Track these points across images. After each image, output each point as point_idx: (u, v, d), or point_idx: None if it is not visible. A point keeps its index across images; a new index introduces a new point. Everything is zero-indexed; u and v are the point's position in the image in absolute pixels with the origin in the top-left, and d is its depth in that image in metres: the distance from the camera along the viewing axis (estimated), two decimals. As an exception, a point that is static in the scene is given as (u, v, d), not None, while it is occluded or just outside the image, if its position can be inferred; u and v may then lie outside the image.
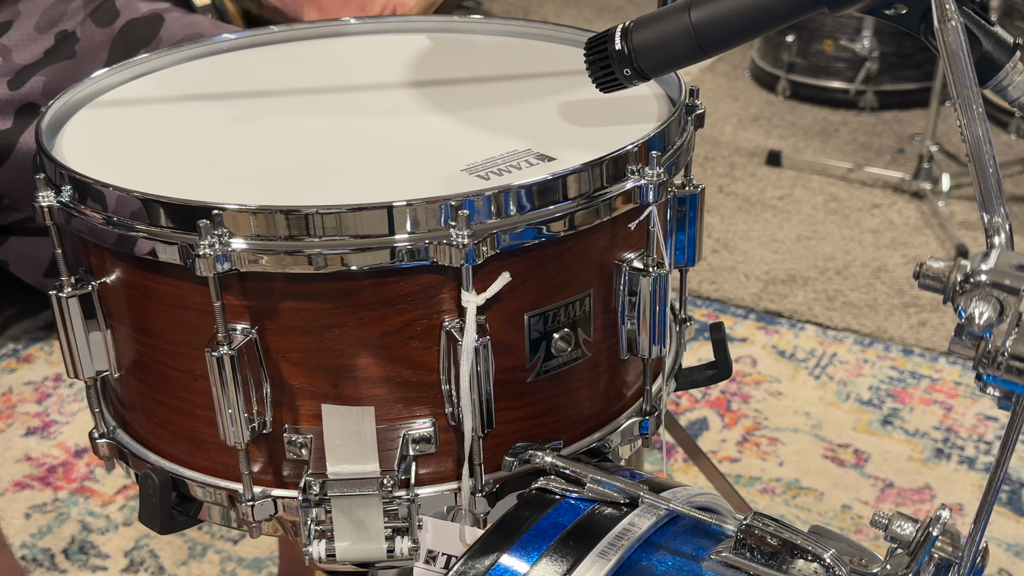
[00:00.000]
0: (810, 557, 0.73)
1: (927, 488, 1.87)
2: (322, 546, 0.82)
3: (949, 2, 0.68)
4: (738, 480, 1.89)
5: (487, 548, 0.76)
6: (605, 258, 0.84)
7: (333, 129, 0.95)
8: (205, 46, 1.11)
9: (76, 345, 0.86)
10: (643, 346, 0.88)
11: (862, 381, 2.15)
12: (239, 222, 0.75)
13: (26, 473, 1.96)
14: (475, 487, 0.84)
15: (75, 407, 2.12)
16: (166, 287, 0.80)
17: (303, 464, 0.83)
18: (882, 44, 3.26)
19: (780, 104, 3.44)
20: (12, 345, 2.30)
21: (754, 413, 2.06)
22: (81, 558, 1.76)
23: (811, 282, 2.47)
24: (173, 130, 0.96)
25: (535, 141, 0.88)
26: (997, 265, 0.60)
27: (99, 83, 1.02)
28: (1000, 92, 0.77)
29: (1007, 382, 0.61)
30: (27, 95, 1.14)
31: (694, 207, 0.92)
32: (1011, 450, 0.65)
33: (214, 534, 1.80)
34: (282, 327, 0.79)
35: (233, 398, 0.79)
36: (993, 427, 2.01)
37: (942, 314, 2.32)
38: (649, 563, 0.76)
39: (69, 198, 0.82)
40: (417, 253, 0.75)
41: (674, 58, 0.84)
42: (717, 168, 3.03)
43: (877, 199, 2.84)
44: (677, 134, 0.88)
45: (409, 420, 0.82)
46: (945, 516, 0.71)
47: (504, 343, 0.81)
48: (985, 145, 0.63)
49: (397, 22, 1.19)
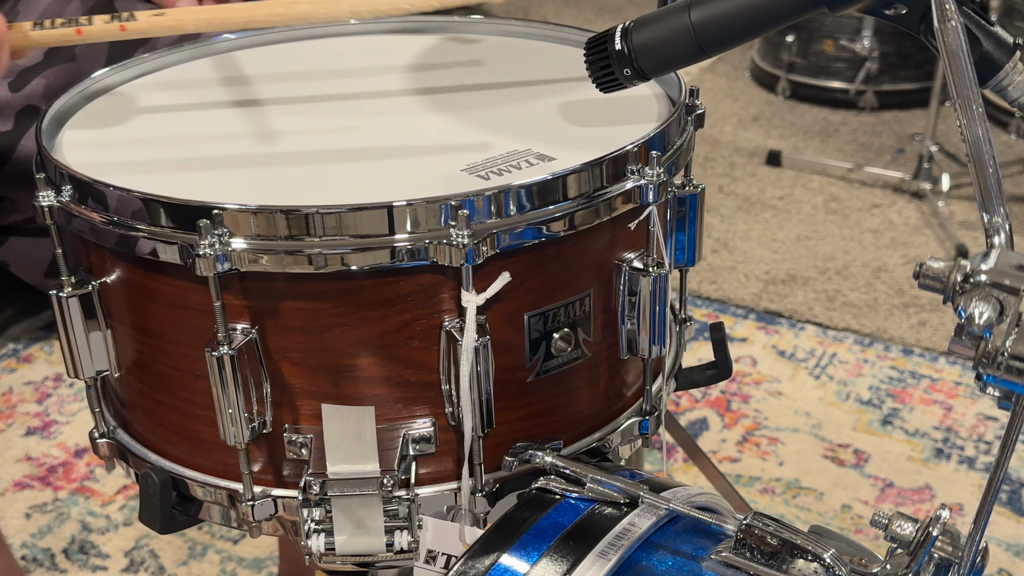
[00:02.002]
0: (810, 557, 0.73)
1: (927, 488, 1.87)
2: (321, 540, 0.82)
3: (949, 2, 0.68)
4: (738, 480, 1.88)
5: (487, 548, 0.76)
6: (605, 258, 0.84)
7: (333, 129, 0.95)
8: (205, 46, 1.11)
9: (76, 345, 0.87)
10: (643, 346, 0.88)
11: (862, 381, 2.14)
12: (239, 222, 0.75)
13: (26, 473, 1.96)
14: (475, 487, 0.84)
15: (75, 407, 2.12)
16: (166, 287, 0.80)
17: (303, 464, 0.83)
18: (882, 44, 3.26)
19: (780, 104, 3.44)
20: (12, 345, 2.30)
21: (754, 413, 2.06)
22: (81, 558, 1.76)
23: (811, 282, 2.47)
24: (173, 130, 0.96)
25: (535, 141, 0.88)
26: (997, 265, 0.60)
27: (99, 83, 1.03)
28: (1000, 92, 0.77)
29: (1007, 382, 0.61)
30: (28, 97, 1.14)
31: (694, 207, 0.92)
32: (1011, 450, 0.65)
33: (214, 534, 1.79)
34: (282, 327, 0.79)
35: (233, 398, 0.79)
36: (993, 427, 2.01)
37: (942, 314, 2.32)
38: (649, 563, 0.76)
39: (69, 198, 0.82)
40: (417, 253, 0.75)
41: (674, 58, 0.84)
42: (717, 168, 3.03)
43: (877, 199, 2.84)
44: (677, 134, 0.88)
45: (409, 420, 0.82)
46: (945, 516, 0.71)
47: (504, 343, 0.81)
48: (985, 145, 0.63)
49: (397, 22, 1.19)
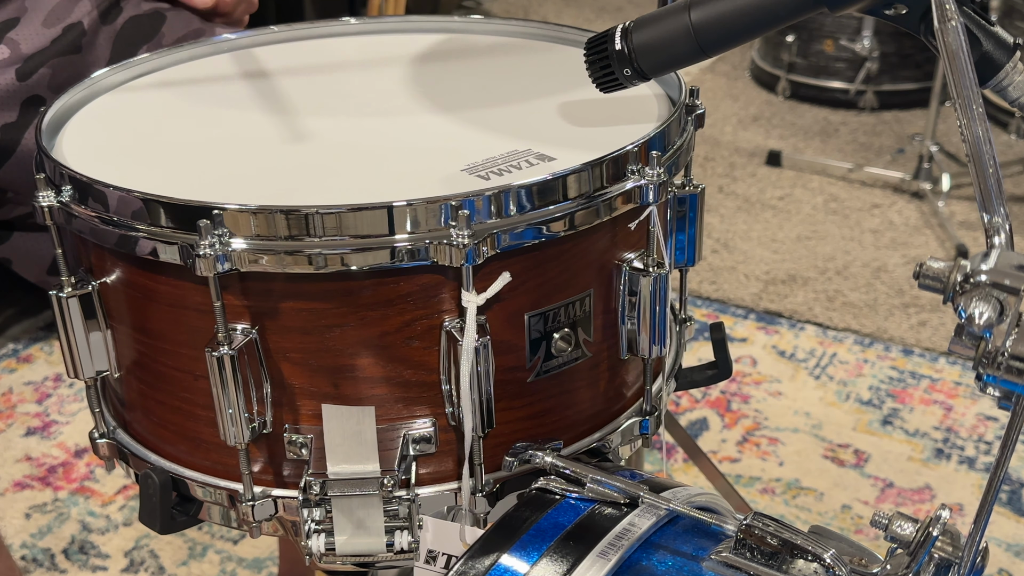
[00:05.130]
0: (810, 557, 0.73)
1: (927, 488, 1.87)
2: (321, 540, 0.82)
3: (949, 2, 0.68)
4: (738, 480, 1.88)
5: (487, 548, 0.76)
6: (605, 258, 0.84)
7: (333, 129, 0.95)
8: (205, 46, 1.11)
9: (76, 345, 0.86)
10: (643, 346, 0.88)
11: (862, 381, 2.14)
12: (239, 222, 0.75)
13: (26, 473, 1.96)
14: (475, 487, 0.84)
15: (75, 407, 2.12)
16: (166, 287, 0.80)
17: (303, 464, 0.83)
18: (882, 44, 3.26)
19: (780, 104, 3.43)
20: (12, 345, 2.30)
21: (754, 413, 2.06)
22: (81, 558, 1.76)
23: (811, 282, 2.47)
24: (173, 130, 0.96)
25: (535, 141, 0.88)
26: (997, 265, 0.60)
27: (100, 83, 1.03)
28: (1000, 92, 0.77)
29: (1007, 382, 0.61)
30: (33, 87, 1.14)
31: (694, 207, 0.92)
32: (1011, 450, 0.65)
33: (214, 534, 1.79)
34: (282, 327, 0.79)
35: (233, 398, 0.79)
36: (993, 427, 2.01)
37: (942, 314, 2.32)
38: (649, 563, 0.76)
39: (69, 198, 0.82)
40: (417, 253, 0.75)
41: (674, 58, 0.84)
42: (717, 168, 3.03)
43: (877, 199, 2.84)
44: (677, 134, 0.88)
45: (409, 420, 0.82)
46: (945, 516, 0.71)
47: (504, 343, 0.81)
48: (985, 145, 0.63)
49: (397, 22, 1.19)
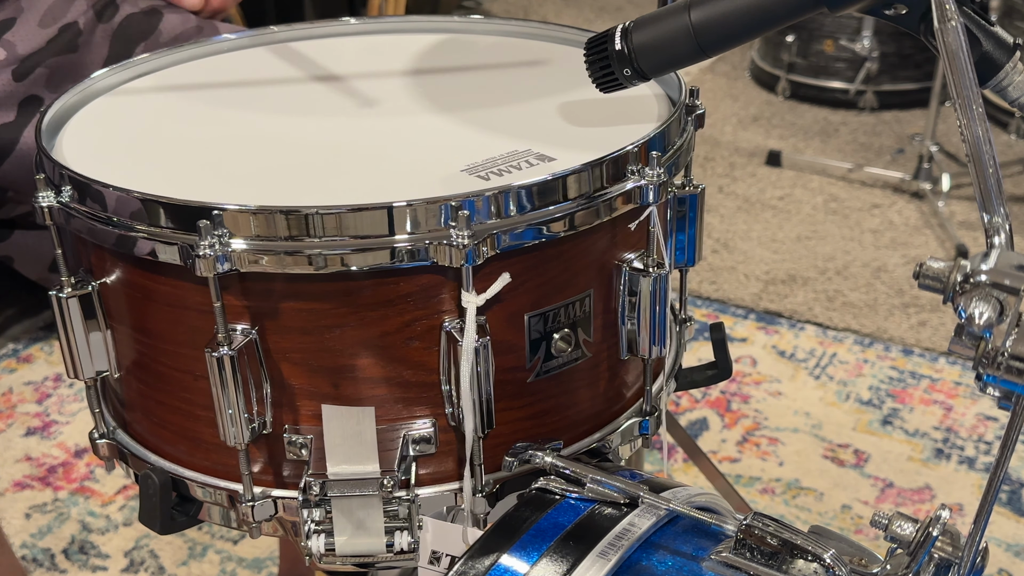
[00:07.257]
0: (810, 557, 0.73)
1: (927, 488, 1.87)
2: (321, 541, 0.82)
3: (949, 2, 0.68)
4: (738, 480, 1.88)
5: (487, 548, 0.76)
6: (605, 258, 0.84)
7: (333, 129, 0.95)
8: (205, 46, 1.11)
9: (76, 345, 0.86)
10: (643, 346, 0.88)
11: (862, 381, 2.14)
12: (239, 222, 0.75)
13: (26, 473, 1.96)
14: (475, 487, 0.84)
15: (75, 407, 2.12)
16: (166, 287, 0.80)
17: (303, 464, 0.83)
18: (882, 44, 3.26)
19: (780, 104, 3.44)
20: (12, 345, 2.30)
21: (754, 413, 2.06)
22: (81, 558, 1.76)
23: (811, 282, 2.47)
24: (173, 130, 0.96)
25: (535, 141, 0.88)
26: (997, 265, 0.60)
27: (99, 83, 1.02)
28: (1000, 92, 0.77)
29: (1007, 382, 0.61)
30: (30, 87, 1.14)
31: (694, 207, 0.92)
32: (1011, 450, 0.65)
33: (214, 534, 1.79)
34: (282, 327, 0.79)
35: (233, 398, 0.79)
36: (993, 427, 2.01)
37: (942, 314, 2.32)
38: (649, 563, 0.76)
39: (69, 198, 0.82)
40: (417, 253, 0.75)
41: (674, 58, 0.84)
42: (717, 168, 3.03)
43: (877, 199, 2.84)
44: (677, 134, 0.88)
45: (409, 420, 0.82)
46: (945, 516, 0.71)
47: (504, 343, 0.81)
48: (985, 145, 0.63)
49: (397, 22, 1.19)
